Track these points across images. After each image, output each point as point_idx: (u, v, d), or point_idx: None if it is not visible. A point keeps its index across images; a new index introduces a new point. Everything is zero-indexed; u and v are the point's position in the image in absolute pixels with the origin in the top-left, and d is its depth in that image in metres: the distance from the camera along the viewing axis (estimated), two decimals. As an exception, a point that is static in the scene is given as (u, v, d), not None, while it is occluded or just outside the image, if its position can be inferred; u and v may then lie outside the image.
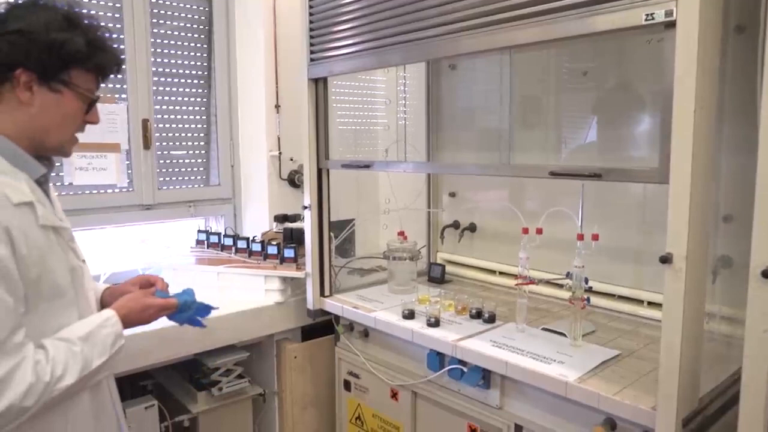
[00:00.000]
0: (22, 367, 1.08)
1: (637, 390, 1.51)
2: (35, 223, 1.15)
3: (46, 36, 1.13)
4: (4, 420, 1.08)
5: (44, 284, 1.17)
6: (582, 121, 2.24)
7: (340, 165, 2.27)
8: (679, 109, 1.24)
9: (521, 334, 1.95)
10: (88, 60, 1.20)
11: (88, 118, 1.28)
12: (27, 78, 1.15)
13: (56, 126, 1.21)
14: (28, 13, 1.15)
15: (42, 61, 1.14)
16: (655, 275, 2.05)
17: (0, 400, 1.05)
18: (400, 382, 2.14)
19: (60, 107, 1.20)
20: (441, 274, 2.67)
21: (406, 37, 1.89)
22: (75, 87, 1.20)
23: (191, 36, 2.89)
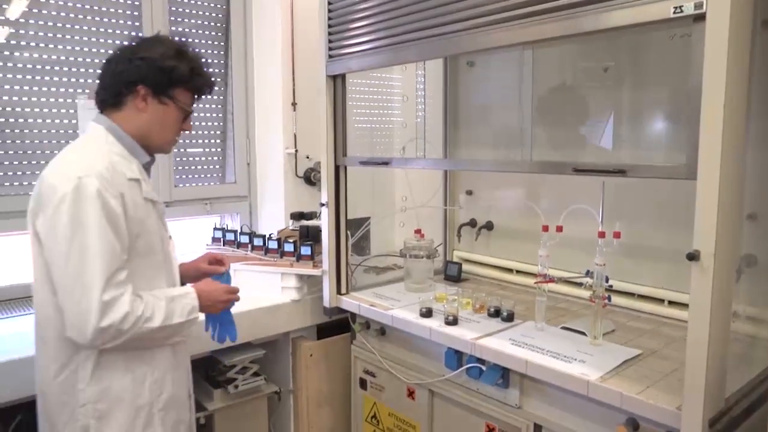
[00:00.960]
0: (122, 299, 1.39)
1: (660, 390, 1.49)
2: (140, 195, 1.50)
3: (162, 63, 1.52)
4: (104, 337, 1.37)
5: (141, 243, 1.49)
6: (603, 118, 2.21)
7: (359, 162, 2.26)
8: (709, 103, 1.22)
9: (540, 332, 1.93)
10: (189, 82, 1.58)
11: (184, 126, 1.66)
12: (144, 92, 1.53)
13: (160, 129, 1.59)
14: (152, 45, 1.56)
15: (156, 80, 1.53)
16: (677, 274, 2.03)
17: (104, 318, 1.35)
18: (417, 381, 2.12)
19: (164, 116, 1.58)
20: (458, 273, 2.65)
21: (426, 33, 1.88)
22: (177, 101, 1.58)
23: (208, 34, 2.89)
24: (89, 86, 2.50)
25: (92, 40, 2.51)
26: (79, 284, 1.36)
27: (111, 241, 1.39)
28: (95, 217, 1.37)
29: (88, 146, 1.52)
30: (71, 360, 1.44)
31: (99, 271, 1.36)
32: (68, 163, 1.46)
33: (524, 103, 2.39)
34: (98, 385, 1.44)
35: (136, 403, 1.50)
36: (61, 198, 1.37)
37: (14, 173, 2.37)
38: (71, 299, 1.37)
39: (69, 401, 1.44)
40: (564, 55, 2.31)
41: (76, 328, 1.37)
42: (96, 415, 1.44)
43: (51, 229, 1.39)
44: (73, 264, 1.36)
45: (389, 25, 2.00)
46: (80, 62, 2.48)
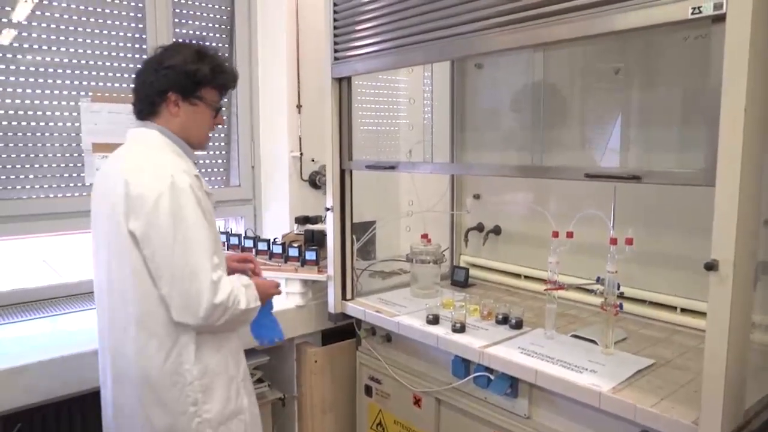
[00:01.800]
0: (225, 278, 1.56)
1: (675, 402, 1.45)
2: (202, 189, 1.61)
3: (186, 68, 1.63)
4: (214, 314, 1.51)
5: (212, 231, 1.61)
6: (614, 122, 2.17)
7: (365, 166, 2.22)
8: (729, 107, 1.18)
9: (550, 341, 1.89)
10: (213, 80, 1.68)
11: (217, 121, 1.76)
12: (175, 97, 1.64)
13: (195, 128, 1.70)
14: (174, 53, 1.66)
15: (183, 84, 1.63)
16: (689, 281, 1.99)
17: (215, 295, 1.50)
18: (424, 389, 2.09)
19: (197, 115, 1.68)
20: (464, 278, 2.61)
21: (434, 35, 1.85)
22: (205, 100, 1.68)
23: (213, 36, 2.87)
24: (93, 89, 2.48)
25: (95, 42, 2.48)
26: (188, 270, 1.49)
27: (206, 227, 1.55)
28: (192, 209, 1.52)
29: (157, 149, 1.63)
30: (175, 345, 1.56)
31: (204, 256, 1.51)
32: (153, 166, 1.56)
33: (533, 106, 2.35)
34: (200, 364, 1.59)
35: (229, 374, 1.66)
36: (158, 196, 1.49)
37: (16, 176, 2.35)
38: (182, 285, 1.50)
39: (179, 380, 1.57)
40: (575, 57, 2.27)
41: (190, 310, 1.51)
42: (201, 389, 1.59)
43: (152, 226, 1.50)
44: (179, 253, 1.50)
45: (396, 26, 1.97)
46: (84, 65, 2.46)
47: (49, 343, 1.96)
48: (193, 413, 1.58)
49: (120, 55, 2.55)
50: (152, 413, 1.59)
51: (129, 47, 2.57)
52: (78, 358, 1.89)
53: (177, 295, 1.51)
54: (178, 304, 1.52)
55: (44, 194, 2.40)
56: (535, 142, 2.35)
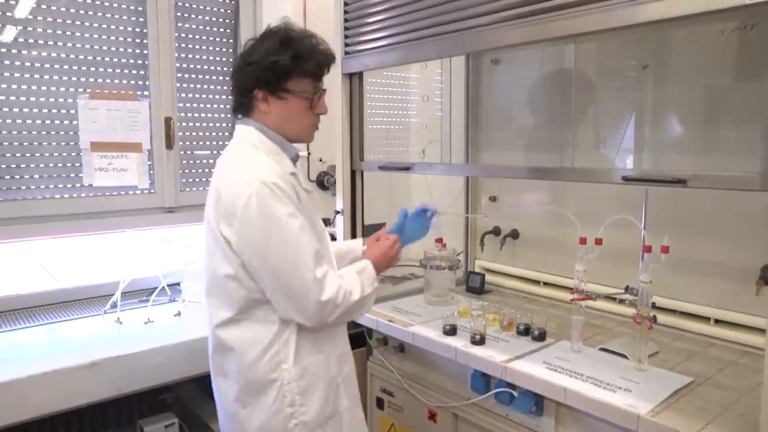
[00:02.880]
0: (331, 274, 1.50)
1: (722, 427, 1.32)
2: (301, 186, 1.57)
3: (266, 61, 1.51)
4: (324, 312, 1.47)
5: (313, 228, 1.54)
6: (645, 121, 2.04)
7: (377, 167, 2.11)
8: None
9: (577, 354, 1.76)
10: (297, 70, 1.53)
11: (317, 110, 1.61)
12: (262, 95, 1.55)
13: (291, 122, 1.58)
14: (258, 45, 1.55)
15: (266, 80, 1.53)
16: (723, 290, 1.87)
17: (322, 293, 1.45)
18: (440, 403, 1.97)
19: (289, 109, 1.56)
20: (480, 284, 2.49)
21: (446, 28, 1.76)
22: (294, 92, 1.55)
23: (217, 31, 2.75)
24: (91, 85, 2.37)
25: (94, 36, 2.37)
26: (288, 270, 1.44)
27: (302, 225, 1.47)
28: (282, 208, 1.44)
29: (251, 149, 1.55)
30: (273, 345, 1.51)
31: (305, 254, 1.45)
32: (242, 170, 1.50)
33: (560, 104, 2.22)
34: (299, 365, 1.53)
35: (328, 376, 1.59)
36: (246, 201, 1.43)
37: (11, 177, 2.23)
38: (285, 286, 1.45)
39: (277, 378, 1.51)
40: (604, 51, 2.13)
41: (299, 310, 1.47)
42: (299, 390, 1.53)
43: (244, 231, 1.45)
44: (276, 254, 1.44)
45: (409, 19, 1.86)
46: (81, 60, 2.34)
47: (43, 355, 1.86)
48: (290, 414, 1.53)
49: (120, 50, 2.44)
50: (248, 410, 1.56)
51: (129, 42, 2.46)
52: (74, 371, 1.78)
53: (281, 296, 1.48)
54: (285, 306, 1.48)
55: (41, 195, 2.29)
56: (562, 142, 2.22)
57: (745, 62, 1.76)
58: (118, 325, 2.19)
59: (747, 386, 1.55)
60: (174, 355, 2.00)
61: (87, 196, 2.39)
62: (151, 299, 2.41)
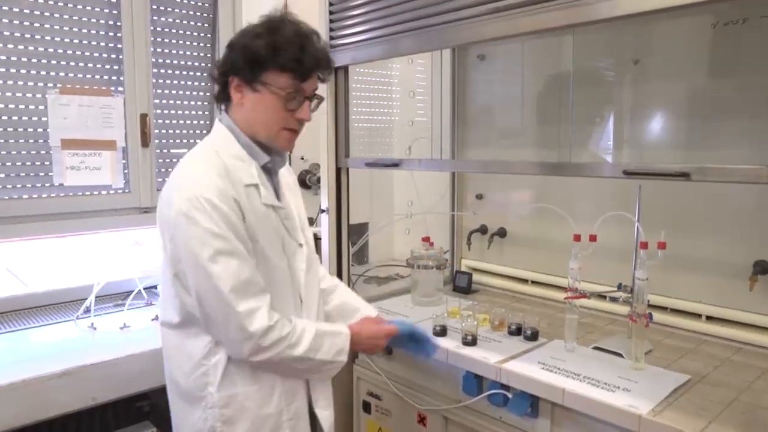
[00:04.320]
0: (260, 312, 1.34)
1: (725, 426, 1.29)
2: (259, 200, 1.42)
3: (242, 44, 1.39)
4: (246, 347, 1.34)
5: (258, 250, 1.41)
6: (634, 115, 2.02)
7: (364, 164, 2.04)
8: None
9: (572, 354, 1.72)
10: (273, 60, 1.37)
11: (297, 114, 1.43)
12: (236, 82, 1.41)
13: (261, 121, 1.43)
14: (246, 28, 1.42)
15: (241, 66, 1.39)
16: (715, 286, 1.86)
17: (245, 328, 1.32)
18: (430, 406, 1.91)
19: (261, 105, 1.41)
20: (468, 284, 2.45)
21: (433, 20, 1.71)
22: (268, 86, 1.39)
23: (194, 25, 2.66)
24: (62, 80, 2.26)
25: (64, 29, 2.26)
26: (209, 297, 1.34)
27: (225, 250, 1.33)
28: (203, 232, 1.31)
29: (207, 155, 1.43)
30: (202, 362, 1.42)
31: (221, 286, 1.32)
32: (182, 178, 1.40)
33: (553, 98, 2.18)
34: (226, 392, 1.41)
35: (262, 412, 1.45)
36: (175, 214, 1.33)
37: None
38: (215, 315, 1.35)
39: (202, 398, 1.42)
40: (592, 46, 2.10)
41: (223, 337, 1.38)
42: (222, 419, 1.42)
43: (173, 244, 1.36)
44: (197, 278, 1.34)
45: (394, 11, 1.82)
46: (52, 54, 2.23)
47: (11, 363, 1.76)
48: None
49: (92, 44, 2.34)
50: (177, 423, 1.52)
51: (102, 35, 2.36)
52: (44, 381, 1.69)
53: (205, 319, 1.38)
54: (212, 330, 1.39)
55: (8, 195, 2.18)
56: (552, 138, 2.18)
57: (737, 57, 1.74)
58: (92, 330, 2.10)
59: (744, 383, 1.53)
60: (151, 362, 1.91)
61: (58, 196, 2.28)
62: (126, 303, 2.31)
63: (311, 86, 1.45)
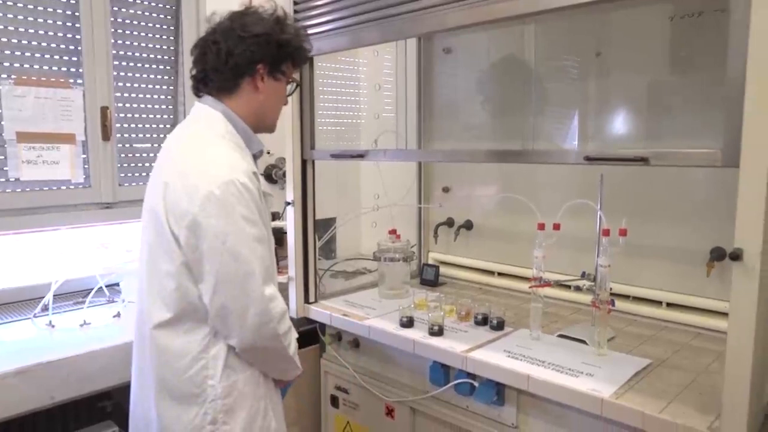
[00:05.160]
0: (280, 298, 1.41)
1: (683, 405, 1.32)
2: (259, 187, 1.45)
3: (276, 37, 1.47)
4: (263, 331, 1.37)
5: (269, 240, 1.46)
6: (595, 106, 2.05)
7: (330, 155, 2.03)
8: (756, 71, 1.05)
9: (537, 342, 1.74)
10: (297, 54, 1.54)
11: (285, 102, 1.60)
12: (263, 71, 1.48)
13: (273, 107, 1.56)
14: (255, 19, 1.48)
15: (273, 56, 1.48)
16: (675, 274, 1.90)
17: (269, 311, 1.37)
18: (397, 398, 1.91)
19: (277, 92, 1.54)
20: (435, 276, 2.46)
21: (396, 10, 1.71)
22: (287, 76, 1.54)
23: (156, 17, 2.61)
24: (17, 71, 2.19)
25: (19, 18, 2.18)
26: (237, 281, 1.34)
27: (260, 234, 1.38)
28: (245, 213, 1.34)
29: (217, 140, 1.44)
30: (201, 356, 1.41)
31: (257, 267, 1.35)
32: (209, 162, 1.38)
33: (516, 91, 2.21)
34: (227, 381, 1.42)
35: (256, 395, 1.49)
36: (206, 198, 1.32)
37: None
38: (230, 296, 1.35)
39: (200, 394, 1.41)
40: (555, 38, 2.13)
41: (237, 324, 1.37)
42: (224, 409, 1.42)
43: (200, 229, 1.33)
44: (227, 262, 1.33)
45: (359, 1, 1.79)
46: (6, 43, 2.15)
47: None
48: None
49: (49, 34, 2.26)
50: (168, 425, 1.45)
51: (59, 25, 2.28)
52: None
53: (220, 306, 1.36)
54: (222, 317, 1.37)
55: (-40, 191, 2.10)
56: (516, 130, 2.21)
57: (693, 49, 1.79)
58: (49, 328, 2.03)
59: (701, 366, 1.57)
60: (113, 359, 1.87)
61: (14, 191, 2.20)
62: (87, 301, 2.24)
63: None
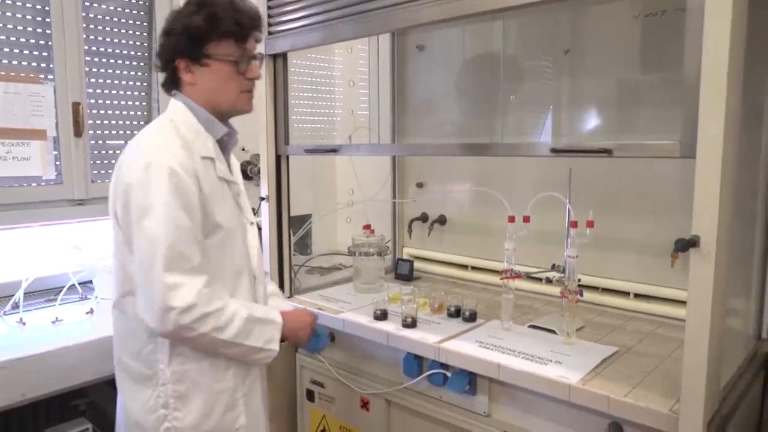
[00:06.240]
0: (187, 288, 1.32)
1: (647, 390, 1.37)
2: (215, 174, 1.45)
3: (180, 26, 1.42)
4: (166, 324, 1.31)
5: (209, 220, 1.41)
6: (565, 102, 2.10)
7: (304, 150, 2.04)
8: (710, 71, 1.09)
9: (508, 332, 1.78)
10: (214, 30, 1.41)
11: (249, 74, 1.48)
12: (183, 64, 1.45)
13: (220, 91, 1.47)
14: (176, 13, 1.46)
15: (184, 47, 1.42)
16: (641, 266, 1.95)
17: (167, 301, 1.29)
18: (372, 390, 1.93)
19: (214, 76, 1.45)
20: (409, 271, 2.48)
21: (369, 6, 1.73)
22: (215, 56, 1.43)
23: (129, 12, 2.59)
24: (-15, 66, 2.16)
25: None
26: (145, 264, 1.33)
27: (176, 218, 1.33)
28: (161, 196, 1.33)
29: (164, 128, 1.45)
30: (151, 338, 1.42)
31: (159, 252, 1.31)
32: (141, 149, 1.41)
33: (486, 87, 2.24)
34: (177, 367, 1.42)
35: (216, 388, 1.46)
36: (131, 182, 1.35)
37: None
38: (139, 280, 1.36)
39: (153, 377, 1.43)
40: (525, 36, 2.17)
41: (147, 311, 1.35)
42: (176, 395, 1.42)
43: (125, 212, 1.37)
44: (140, 246, 1.34)
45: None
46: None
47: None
48: (163, 416, 1.43)
49: (18, 28, 2.24)
50: (128, 404, 1.49)
51: (29, 20, 2.26)
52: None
53: (140, 292, 1.38)
54: (140, 302, 1.38)
55: (-73, 187, 2.07)
56: (488, 127, 2.24)
57: (657, 47, 1.84)
58: (20, 326, 2.02)
59: (665, 353, 1.62)
60: (86, 355, 1.86)
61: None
62: (58, 298, 2.23)
63: (252, 46, 1.49)
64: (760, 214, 1.67)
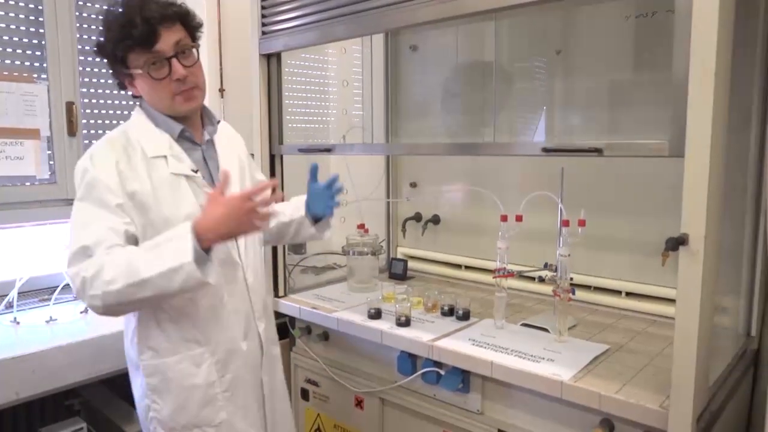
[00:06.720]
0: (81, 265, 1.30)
1: (638, 387, 1.38)
2: (167, 170, 1.42)
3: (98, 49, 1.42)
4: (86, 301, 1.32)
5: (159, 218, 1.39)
6: (558, 103, 2.11)
7: (297, 150, 2.05)
8: (698, 71, 1.11)
9: (501, 330, 1.80)
10: (117, 48, 1.37)
11: (174, 76, 1.40)
12: (122, 79, 1.46)
13: (155, 99, 1.45)
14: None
15: (111, 66, 1.45)
16: (633, 264, 1.97)
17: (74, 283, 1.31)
18: (366, 389, 1.94)
19: (144, 87, 1.43)
20: (403, 270, 2.49)
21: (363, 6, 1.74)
22: (133, 70, 1.40)
23: (122, 11, 2.58)
24: (-22, 66, 2.16)
25: (-19, 11, 2.16)
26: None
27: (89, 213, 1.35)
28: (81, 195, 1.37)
29: (114, 132, 1.49)
30: (136, 331, 1.47)
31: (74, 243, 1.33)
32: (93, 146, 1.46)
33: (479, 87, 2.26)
34: (151, 361, 1.46)
35: (188, 383, 1.46)
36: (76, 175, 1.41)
37: None
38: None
39: (138, 367, 1.48)
40: (514, 36, 2.19)
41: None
42: (150, 387, 1.46)
43: None
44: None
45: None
46: (-34, 37, 2.13)
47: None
48: (147, 405, 1.49)
49: (11, 27, 2.23)
50: (133, 388, 1.57)
51: (22, 19, 2.26)
52: None
53: None
54: None
55: None
56: (481, 127, 2.26)
57: (648, 48, 1.86)
58: (14, 325, 2.01)
59: (656, 351, 1.64)
60: (80, 355, 1.86)
61: (-24, 189, 2.18)
62: (52, 297, 2.22)
63: (166, 45, 1.37)
64: (749, 212, 1.69)
